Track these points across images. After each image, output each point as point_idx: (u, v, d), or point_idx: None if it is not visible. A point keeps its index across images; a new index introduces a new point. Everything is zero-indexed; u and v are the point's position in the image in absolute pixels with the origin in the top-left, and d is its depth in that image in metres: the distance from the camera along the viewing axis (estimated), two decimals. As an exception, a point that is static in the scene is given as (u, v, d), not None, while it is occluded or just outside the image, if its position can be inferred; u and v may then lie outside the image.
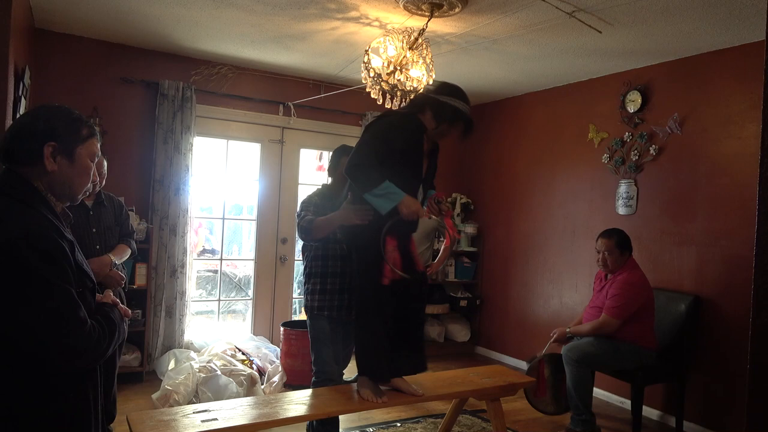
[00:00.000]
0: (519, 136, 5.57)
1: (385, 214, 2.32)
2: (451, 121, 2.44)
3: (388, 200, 2.30)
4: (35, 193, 1.43)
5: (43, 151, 1.43)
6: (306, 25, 3.87)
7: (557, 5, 3.22)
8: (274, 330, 5.22)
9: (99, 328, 1.41)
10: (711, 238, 3.91)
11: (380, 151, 2.35)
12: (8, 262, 1.30)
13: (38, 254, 1.32)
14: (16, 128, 1.48)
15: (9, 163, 1.45)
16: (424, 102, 2.49)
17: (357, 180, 2.38)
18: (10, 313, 1.31)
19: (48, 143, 1.44)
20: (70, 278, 1.38)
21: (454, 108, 2.42)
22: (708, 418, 3.84)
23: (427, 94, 2.54)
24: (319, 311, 2.84)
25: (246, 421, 2.16)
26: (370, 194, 2.32)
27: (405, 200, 2.30)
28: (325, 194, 2.93)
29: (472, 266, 5.94)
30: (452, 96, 2.45)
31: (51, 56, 4.30)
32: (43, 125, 1.45)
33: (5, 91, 2.97)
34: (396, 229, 2.38)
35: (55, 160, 1.45)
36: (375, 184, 2.30)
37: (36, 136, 1.44)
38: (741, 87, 3.78)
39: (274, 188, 5.29)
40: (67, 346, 1.35)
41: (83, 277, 1.45)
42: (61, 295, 1.35)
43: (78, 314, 1.36)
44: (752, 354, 1.32)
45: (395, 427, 3.75)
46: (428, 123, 2.45)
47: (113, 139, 4.47)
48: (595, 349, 3.63)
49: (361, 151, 2.40)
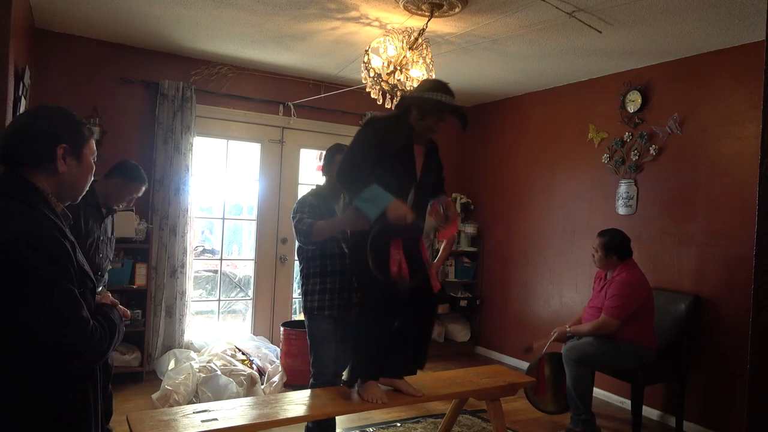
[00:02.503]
0: (519, 136, 5.57)
1: (375, 218, 2.31)
2: (436, 113, 2.42)
3: (374, 205, 2.28)
4: (36, 194, 1.43)
5: (55, 153, 1.45)
6: (306, 25, 3.87)
7: (557, 5, 3.22)
8: (274, 330, 5.22)
9: (100, 328, 1.42)
10: (711, 238, 3.91)
11: (369, 157, 2.35)
12: (11, 263, 1.30)
13: (41, 254, 1.33)
14: (19, 130, 1.47)
15: (10, 165, 1.45)
16: (408, 102, 2.48)
17: (346, 186, 2.40)
18: (13, 312, 1.31)
19: (60, 145, 1.46)
20: (73, 278, 1.38)
21: (436, 100, 2.40)
22: (708, 418, 3.84)
23: (410, 94, 2.54)
24: (319, 311, 2.83)
25: (246, 421, 2.16)
26: (359, 200, 2.32)
27: (392, 204, 2.28)
28: (319, 194, 2.92)
29: (472, 266, 5.94)
30: (433, 90, 2.43)
31: (51, 56, 4.30)
32: (52, 127, 1.46)
33: (5, 91, 2.97)
34: (399, 232, 2.37)
35: (65, 162, 1.47)
36: (361, 188, 2.30)
37: (47, 138, 1.45)
38: (741, 87, 3.77)
39: (274, 188, 5.29)
40: (69, 346, 1.35)
41: (84, 277, 1.45)
42: (65, 294, 1.35)
43: (81, 314, 1.37)
44: (752, 354, 1.32)
45: (395, 427, 3.75)
46: (415, 121, 2.44)
47: (113, 139, 4.47)
48: (594, 349, 3.63)
49: (348, 157, 2.41)
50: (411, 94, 2.53)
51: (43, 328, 1.31)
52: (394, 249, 2.37)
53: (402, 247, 2.41)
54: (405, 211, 2.31)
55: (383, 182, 2.30)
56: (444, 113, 2.43)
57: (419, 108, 2.42)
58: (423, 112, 2.41)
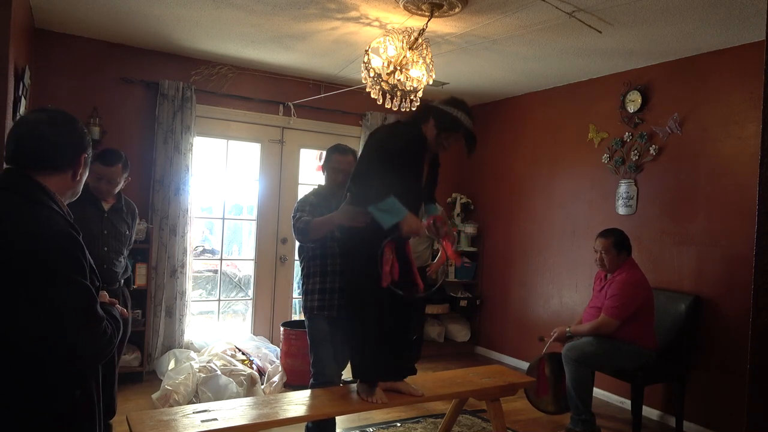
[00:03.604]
0: (519, 136, 5.57)
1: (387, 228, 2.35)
2: (451, 130, 2.47)
3: (390, 216, 2.34)
4: (46, 193, 1.45)
5: (80, 161, 1.51)
6: (306, 25, 3.87)
7: (557, 5, 3.22)
8: (274, 330, 5.21)
9: (110, 326, 1.43)
10: (711, 238, 3.91)
11: (384, 160, 2.38)
12: (23, 261, 1.31)
13: (54, 251, 1.34)
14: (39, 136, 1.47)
15: (19, 166, 1.46)
16: (427, 111, 2.53)
17: (362, 190, 2.42)
18: (23, 310, 1.31)
19: (83, 154, 1.52)
20: (87, 275, 1.40)
21: (454, 117, 2.46)
22: (708, 418, 3.84)
23: (431, 103, 2.58)
24: (318, 311, 2.84)
25: (246, 421, 2.16)
26: (374, 207, 2.36)
27: (407, 219, 2.34)
28: (320, 193, 2.94)
29: (472, 266, 5.93)
30: (454, 107, 2.48)
31: (51, 56, 4.30)
32: (77, 137, 1.52)
33: (5, 91, 2.98)
34: (393, 235, 2.41)
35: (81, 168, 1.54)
36: (380, 198, 2.33)
37: (75, 147, 1.51)
38: (741, 87, 3.77)
39: (274, 188, 5.29)
40: (80, 343, 1.37)
41: (92, 275, 1.46)
42: (83, 291, 1.37)
43: (96, 311, 1.39)
44: (752, 354, 1.32)
45: (395, 427, 3.75)
46: (429, 132, 2.48)
47: (113, 139, 4.46)
48: (594, 349, 3.63)
49: (366, 162, 2.45)
50: (433, 104, 2.57)
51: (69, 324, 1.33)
52: (388, 250, 2.41)
53: (395, 249, 2.45)
54: (418, 225, 2.40)
55: (396, 190, 2.34)
56: (457, 132, 2.48)
57: (437, 120, 2.46)
58: (439, 125, 2.46)
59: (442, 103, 2.52)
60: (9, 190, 1.42)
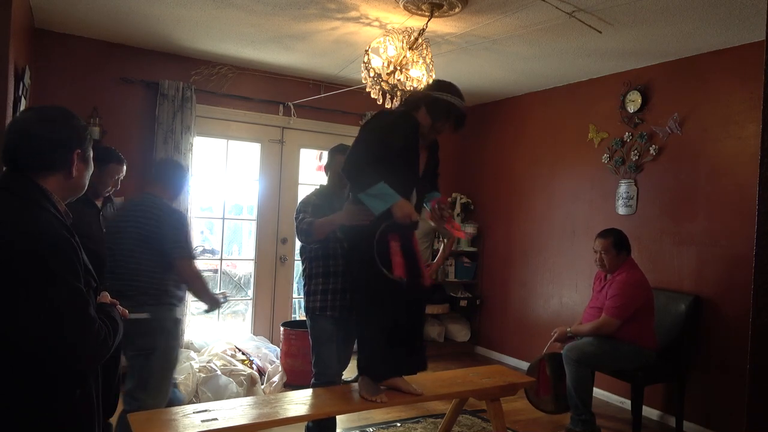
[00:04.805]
0: (519, 136, 5.57)
1: (378, 215, 2.33)
2: (446, 116, 2.46)
3: (382, 201, 2.31)
4: (44, 194, 1.44)
5: (72, 159, 1.48)
6: (306, 25, 3.87)
7: (557, 5, 3.22)
8: (274, 330, 5.21)
9: (105, 327, 1.43)
10: (711, 238, 3.91)
11: (376, 150, 2.36)
12: (22, 261, 1.31)
13: (52, 253, 1.34)
14: (32, 136, 1.45)
15: (17, 167, 1.45)
16: (418, 99, 2.51)
17: (352, 179, 2.41)
18: (22, 311, 1.31)
19: (76, 151, 1.49)
20: (81, 276, 1.40)
21: (447, 103, 2.44)
22: (708, 418, 3.84)
23: (421, 91, 2.56)
24: (321, 312, 2.83)
25: (246, 421, 2.16)
26: (364, 194, 2.34)
27: (399, 203, 2.31)
28: (323, 194, 2.93)
29: (472, 266, 5.94)
30: (445, 91, 2.47)
31: (51, 56, 4.30)
32: (68, 134, 1.48)
33: (5, 91, 2.98)
34: (397, 228, 2.39)
35: (77, 165, 1.50)
36: (370, 184, 2.31)
37: (65, 145, 1.47)
38: (741, 87, 3.77)
39: (274, 188, 5.29)
40: (75, 344, 1.36)
41: (88, 276, 1.46)
42: (74, 292, 1.36)
43: (88, 312, 1.38)
44: (752, 354, 1.32)
45: (395, 427, 3.75)
46: (423, 120, 2.47)
47: (113, 139, 4.46)
48: (595, 349, 3.63)
49: (357, 150, 2.42)
50: (422, 92, 2.55)
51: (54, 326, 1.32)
52: (394, 244, 2.39)
53: (400, 242, 2.43)
54: (410, 209, 2.35)
55: (388, 178, 2.31)
56: (452, 115, 2.46)
57: (429, 107, 2.45)
58: (432, 112, 2.44)
59: (431, 89, 2.50)
60: (8, 190, 1.42)
